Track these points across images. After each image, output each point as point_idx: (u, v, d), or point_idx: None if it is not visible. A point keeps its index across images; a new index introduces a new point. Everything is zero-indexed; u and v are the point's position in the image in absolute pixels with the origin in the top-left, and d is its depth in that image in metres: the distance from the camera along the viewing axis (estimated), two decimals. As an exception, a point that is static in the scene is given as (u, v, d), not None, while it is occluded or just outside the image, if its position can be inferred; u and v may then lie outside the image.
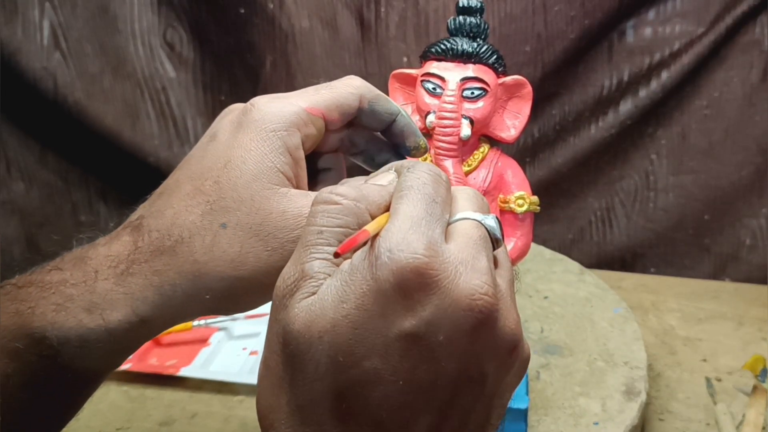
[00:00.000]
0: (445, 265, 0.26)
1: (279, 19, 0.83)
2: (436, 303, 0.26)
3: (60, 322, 0.33)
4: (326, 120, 0.37)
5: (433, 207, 0.28)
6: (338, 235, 0.28)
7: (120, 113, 0.87)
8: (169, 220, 0.34)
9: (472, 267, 0.27)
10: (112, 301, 0.33)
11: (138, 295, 0.33)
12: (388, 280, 0.26)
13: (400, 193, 0.29)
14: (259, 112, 0.35)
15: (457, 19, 0.44)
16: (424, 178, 0.29)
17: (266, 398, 0.28)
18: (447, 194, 0.30)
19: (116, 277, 0.34)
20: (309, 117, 0.36)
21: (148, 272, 0.34)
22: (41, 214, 0.89)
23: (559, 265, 0.73)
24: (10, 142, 0.85)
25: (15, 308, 0.33)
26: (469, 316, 0.26)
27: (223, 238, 0.33)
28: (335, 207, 0.29)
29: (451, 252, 0.27)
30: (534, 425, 0.50)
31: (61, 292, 0.34)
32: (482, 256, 0.28)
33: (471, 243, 0.28)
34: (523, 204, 0.44)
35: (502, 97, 0.45)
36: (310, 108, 0.36)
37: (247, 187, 0.34)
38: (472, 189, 0.31)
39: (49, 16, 0.81)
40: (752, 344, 0.67)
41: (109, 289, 0.33)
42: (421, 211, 0.28)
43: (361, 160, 0.40)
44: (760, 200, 0.84)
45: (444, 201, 0.29)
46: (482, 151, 0.45)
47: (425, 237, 0.27)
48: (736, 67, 0.80)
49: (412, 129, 0.38)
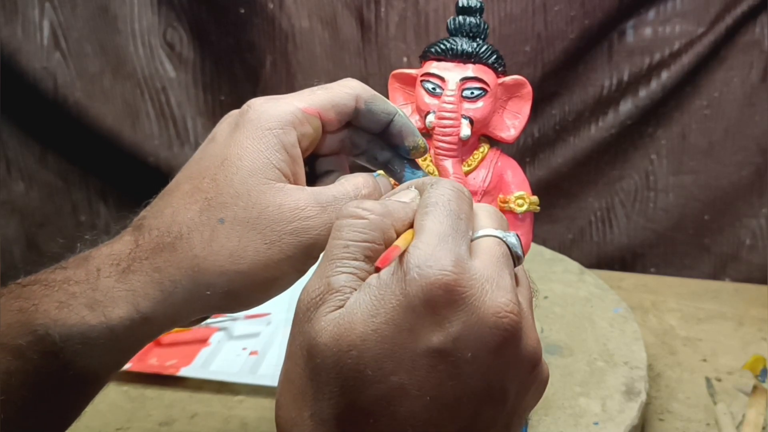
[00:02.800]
0: (472, 281, 0.27)
1: (279, 19, 0.83)
2: (463, 319, 0.26)
3: (62, 319, 0.33)
4: (323, 119, 0.37)
5: (459, 223, 0.28)
6: (364, 249, 0.29)
7: (120, 113, 0.87)
8: (168, 218, 0.35)
9: (497, 284, 0.27)
10: (114, 298, 0.33)
11: (140, 291, 0.33)
12: (418, 295, 0.26)
13: (425, 210, 0.29)
14: (255, 112, 0.36)
15: (457, 19, 0.44)
16: (449, 195, 0.29)
17: (288, 411, 0.28)
18: (470, 210, 0.30)
19: (118, 274, 0.34)
20: (305, 116, 0.36)
21: (149, 269, 0.34)
22: (41, 214, 0.89)
23: (559, 265, 0.73)
24: (10, 142, 0.85)
25: (19, 305, 0.33)
26: (495, 334, 0.26)
27: (221, 233, 0.33)
28: (361, 222, 0.29)
29: (477, 269, 0.27)
30: (534, 425, 0.50)
31: (64, 289, 0.34)
32: (506, 274, 0.28)
33: (495, 260, 0.28)
34: (522, 204, 0.44)
35: (502, 97, 0.45)
36: (306, 107, 0.36)
37: (243, 182, 0.34)
38: (492, 207, 0.32)
39: (49, 16, 0.81)
40: (752, 344, 0.67)
41: (111, 286, 0.33)
42: (447, 227, 0.28)
43: (365, 161, 0.40)
44: (760, 200, 0.84)
45: (468, 217, 0.29)
46: (482, 151, 0.45)
47: (453, 253, 0.27)
48: (736, 67, 0.80)
49: (410, 129, 0.38)
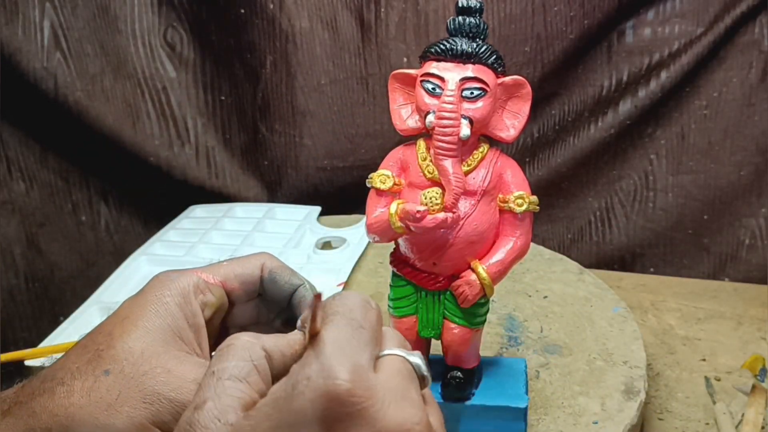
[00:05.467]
0: (371, 392, 0.24)
1: (279, 20, 0.83)
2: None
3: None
4: (227, 288, 0.38)
5: (361, 333, 0.27)
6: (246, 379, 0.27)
7: (120, 113, 0.87)
8: (57, 365, 0.35)
9: (402, 396, 0.25)
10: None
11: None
12: (306, 411, 0.24)
13: (325, 320, 0.27)
14: (158, 281, 0.37)
15: (457, 20, 0.44)
16: (351, 304, 0.28)
17: None
18: (377, 323, 0.28)
19: (0, 415, 0.34)
20: (206, 285, 0.37)
21: (25, 413, 0.33)
22: (41, 214, 0.89)
23: (558, 265, 0.73)
24: (10, 142, 0.85)
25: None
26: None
27: (104, 384, 0.33)
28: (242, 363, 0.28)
29: (378, 380, 0.25)
30: (533, 424, 0.50)
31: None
32: (412, 388, 0.26)
33: (400, 375, 0.26)
34: (522, 204, 0.44)
35: (502, 97, 0.45)
36: (207, 277, 0.37)
37: (139, 339, 0.34)
38: (393, 330, 0.30)
39: (49, 16, 0.81)
40: (751, 344, 0.68)
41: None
42: (347, 335, 0.26)
43: (280, 326, 0.40)
44: (759, 200, 0.84)
45: (373, 328, 0.27)
46: (481, 151, 0.45)
47: (349, 362, 0.25)
48: (736, 68, 0.80)
49: (308, 304, 0.38)
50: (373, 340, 0.27)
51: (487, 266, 0.44)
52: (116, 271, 0.73)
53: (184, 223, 0.84)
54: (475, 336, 0.47)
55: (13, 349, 0.59)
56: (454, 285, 0.45)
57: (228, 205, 0.88)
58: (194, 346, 0.36)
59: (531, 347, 0.60)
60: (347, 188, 0.91)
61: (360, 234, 0.79)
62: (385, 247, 0.47)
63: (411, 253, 0.45)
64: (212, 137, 0.91)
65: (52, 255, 0.91)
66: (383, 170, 0.46)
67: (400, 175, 0.46)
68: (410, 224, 0.42)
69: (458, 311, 0.46)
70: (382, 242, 0.46)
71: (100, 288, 0.70)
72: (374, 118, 0.88)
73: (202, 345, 0.37)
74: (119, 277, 0.72)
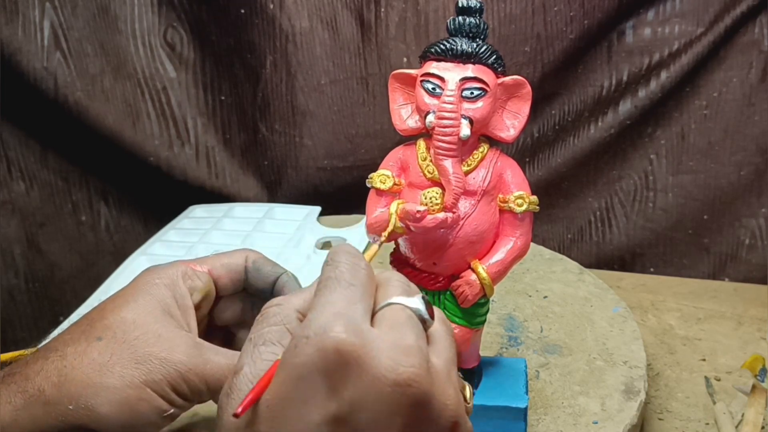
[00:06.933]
0: (365, 341, 0.26)
1: (279, 19, 0.83)
2: (358, 381, 0.25)
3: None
4: (213, 276, 0.41)
5: (351, 291, 0.28)
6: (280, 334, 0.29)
7: (120, 113, 0.87)
8: (51, 341, 0.37)
9: (395, 344, 0.26)
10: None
11: (3, 398, 0.34)
12: (307, 364, 0.26)
13: (318, 287, 0.29)
14: (148, 271, 0.39)
15: (457, 20, 0.44)
16: (342, 267, 0.30)
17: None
18: (368, 278, 0.30)
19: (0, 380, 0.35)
20: (194, 272, 0.40)
21: (18, 379, 0.35)
22: (41, 214, 0.89)
23: (558, 265, 0.73)
24: (10, 142, 0.85)
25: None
26: (396, 392, 0.25)
27: (96, 348, 0.35)
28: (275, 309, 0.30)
29: (374, 333, 0.27)
30: (533, 424, 0.50)
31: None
32: (409, 334, 0.27)
33: (396, 324, 0.28)
34: (522, 204, 0.44)
35: (502, 97, 0.45)
36: (194, 265, 0.40)
37: (130, 311, 0.36)
38: (397, 274, 0.32)
39: (49, 16, 0.81)
40: (751, 344, 0.68)
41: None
42: (339, 296, 0.28)
43: None
44: (759, 200, 0.84)
45: (363, 284, 0.29)
46: (481, 151, 0.45)
47: (344, 318, 0.26)
48: (736, 68, 0.80)
49: (292, 286, 0.41)
50: (365, 296, 0.29)
51: (487, 266, 0.44)
52: (116, 271, 0.73)
53: (184, 223, 0.84)
54: (475, 336, 0.47)
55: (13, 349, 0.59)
56: (454, 285, 0.45)
57: (228, 205, 0.88)
58: (182, 324, 0.38)
59: (531, 347, 0.60)
60: (347, 188, 0.91)
61: (360, 234, 0.79)
62: (385, 247, 0.47)
63: (411, 253, 0.45)
64: (212, 137, 0.91)
65: (52, 255, 0.91)
66: (383, 170, 0.46)
67: (400, 175, 0.46)
68: (410, 224, 0.42)
69: (458, 311, 0.46)
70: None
71: (100, 288, 0.70)
72: (374, 118, 0.88)
73: (190, 324, 0.38)
74: (119, 277, 0.72)
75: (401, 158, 0.46)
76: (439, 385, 0.27)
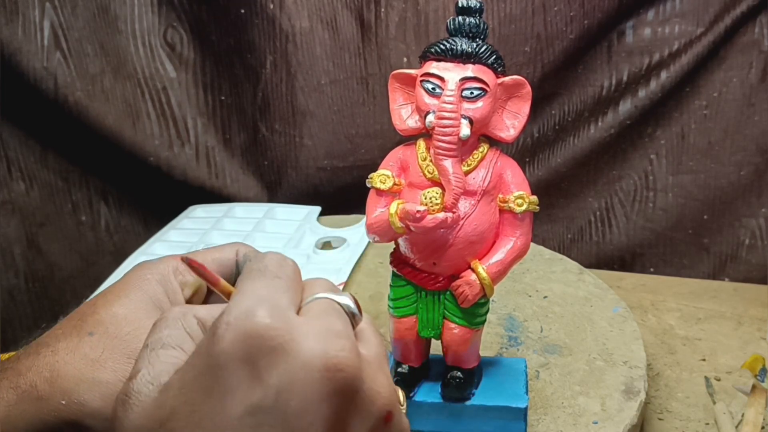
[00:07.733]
0: (291, 326, 0.25)
1: (279, 19, 0.83)
2: (283, 367, 0.24)
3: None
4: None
5: (277, 282, 0.27)
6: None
7: (120, 113, 0.87)
8: (47, 334, 0.36)
9: (326, 330, 0.25)
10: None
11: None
12: (227, 351, 0.24)
13: (240, 279, 0.28)
14: (138, 266, 0.39)
15: (457, 20, 0.44)
16: (267, 261, 0.29)
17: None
18: (294, 274, 0.29)
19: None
20: (185, 267, 0.38)
21: (9, 375, 0.34)
22: (41, 214, 0.89)
23: (558, 265, 0.73)
24: (10, 142, 0.85)
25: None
26: (324, 378, 0.24)
27: (87, 343, 0.34)
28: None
29: (300, 319, 0.26)
30: (533, 424, 0.50)
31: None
32: (337, 322, 0.27)
33: (323, 313, 0.27)
34: (522, 204, 0.44)
35: (502, 97, 0.45)
36: (184, 258, 0.39)
37: (122, 307, 0.35)
38: (325, 279, 0.31)
39: (49, 16, 0.81)
40: (751, 344, 0.68)
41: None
42: (263, 285, 0.27)
43: None
44: (759, 200, 0.84)
45: (289, 278, 0.28)
46: (481, 151, 0.45)
47: (268, 303, 0.25)
48: (736, 68, 0.80)
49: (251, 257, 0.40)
50: (291, 289, 0.28)
51: (487, 266, 0.44)
52: (116, 271, 0.73)
53: (184, 223, 0.84)
54: (475, 336, 0.47)
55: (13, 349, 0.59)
56: (454, 285, 0.45)
57: (228, 205, 0.88)
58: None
59: (531, 347, 0.60)
60: (347, 188, 0.91)
61: (360, 234, 0.79)
62: (385, 247, 0.47)
63: (411, 253, 0.45)
64: (212, 137, 0.91)
65: (52, 255, 0.91)
66: (383, 170, 0.46)
67: (400, 175, 0.46)
68: (410, 224, 0.42)
69: (458, 311, 0.46)
70: (382, 242, 0.46)
71: (100, 288, 0.70)
72: (374, 118, 0.88)
73: None
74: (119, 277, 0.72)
75: (401, 158, 0.46)
76: (370, 372, 0.26)
